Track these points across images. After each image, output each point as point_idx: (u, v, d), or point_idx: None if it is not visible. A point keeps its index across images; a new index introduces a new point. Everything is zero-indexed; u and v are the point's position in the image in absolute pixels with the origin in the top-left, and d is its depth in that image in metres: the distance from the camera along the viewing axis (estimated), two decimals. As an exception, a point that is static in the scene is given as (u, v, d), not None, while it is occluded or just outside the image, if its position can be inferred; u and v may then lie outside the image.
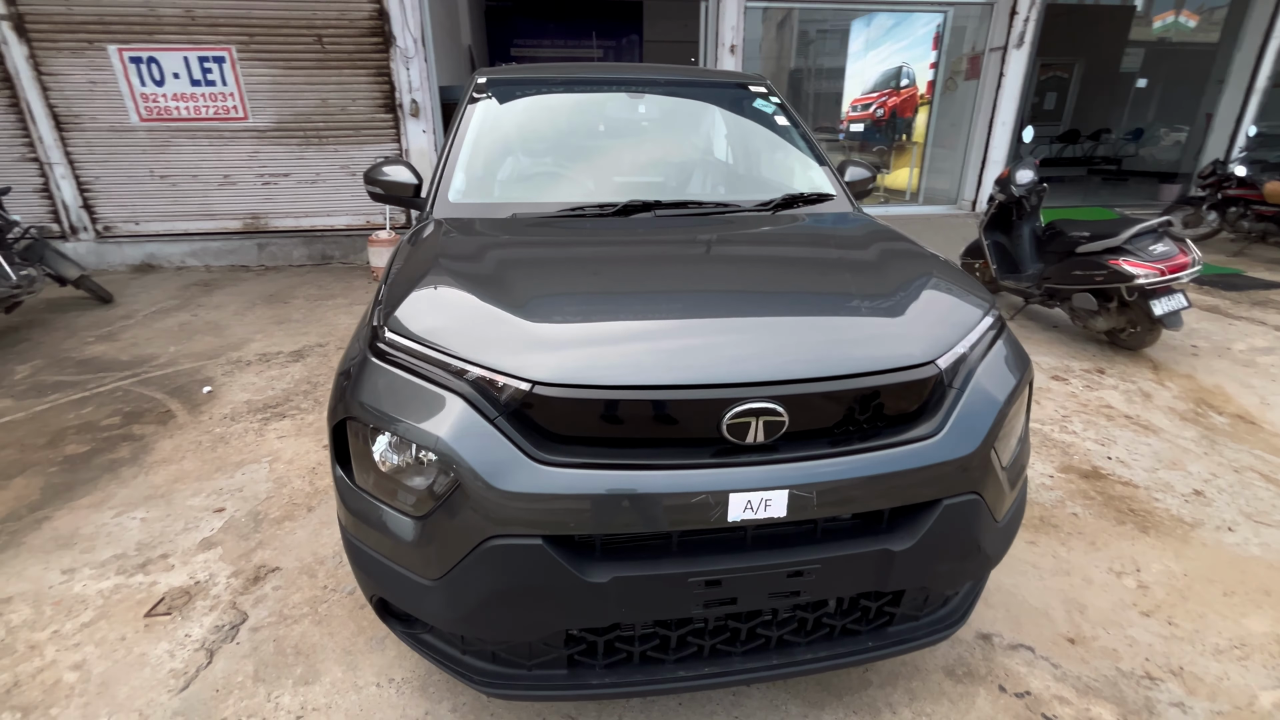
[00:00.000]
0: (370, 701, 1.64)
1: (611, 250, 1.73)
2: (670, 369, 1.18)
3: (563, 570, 1.15)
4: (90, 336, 4.47)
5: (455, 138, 2.23)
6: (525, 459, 1.14)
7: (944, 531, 1.28)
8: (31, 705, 1.64)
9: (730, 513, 1.16)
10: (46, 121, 5.82)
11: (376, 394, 1.26)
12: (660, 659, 1.34)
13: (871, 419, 1.28)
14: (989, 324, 1.47)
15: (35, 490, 2.62)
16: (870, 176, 2.49)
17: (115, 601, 2.01)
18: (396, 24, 5.96)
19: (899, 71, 9.13)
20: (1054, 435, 3.07)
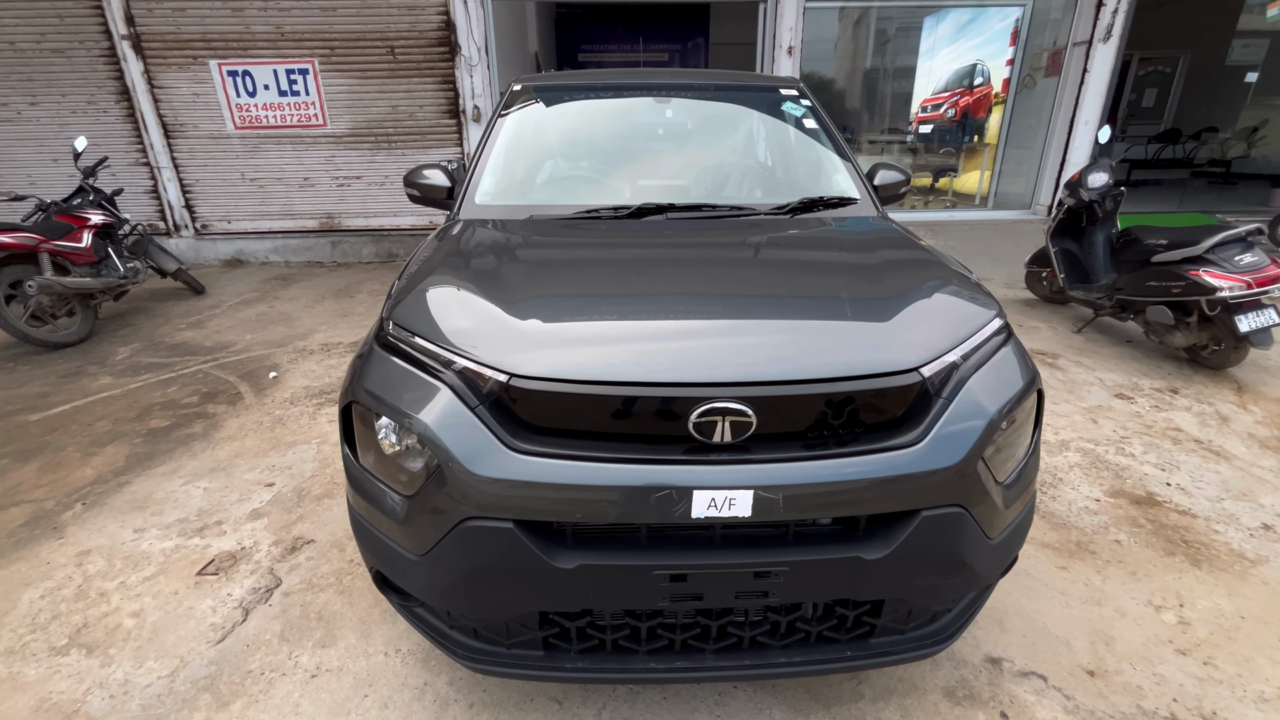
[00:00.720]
0: (377, 668, 1.77)
1: (614, 252, 1.78)
2: (640, 367, 1.22)
3: (531, 554, 1.20)
4: (182, 324, 4.95)
5: (486, 142, 2.35)
6: (501, 446, 1.21)
7: (922, 543, 1.25)
8: (95, 644, 1.87)
9: (694, 509, 1.18)
10: (157, 130, 6.48)
11: (378, 382, 1.37)
12: (633, 649, 1.37)
13: (848, 425, 1.27)
14: (989, 333, 1.42)
15: (121, 458, 2.95)
16: (903, 179, 2.42)
17: (174, 560, 2.24)
18: (462, 34, 6.26)
19: (973, 69, 8.70)
20: (1107, 457, 2.86)
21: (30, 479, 2.77)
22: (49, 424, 3.29)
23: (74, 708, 1.66)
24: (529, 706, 1.64)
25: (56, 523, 2.46)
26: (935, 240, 6.89)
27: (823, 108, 2.58)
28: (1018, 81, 7.69)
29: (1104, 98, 6.74)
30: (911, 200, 8.81)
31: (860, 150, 9.63)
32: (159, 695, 1.69)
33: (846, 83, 10.74)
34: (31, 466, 2.88)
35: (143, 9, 6.10)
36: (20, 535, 2.39)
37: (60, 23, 6.14)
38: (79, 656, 1.83)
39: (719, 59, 15.05)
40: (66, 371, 4.01)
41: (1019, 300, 5.33)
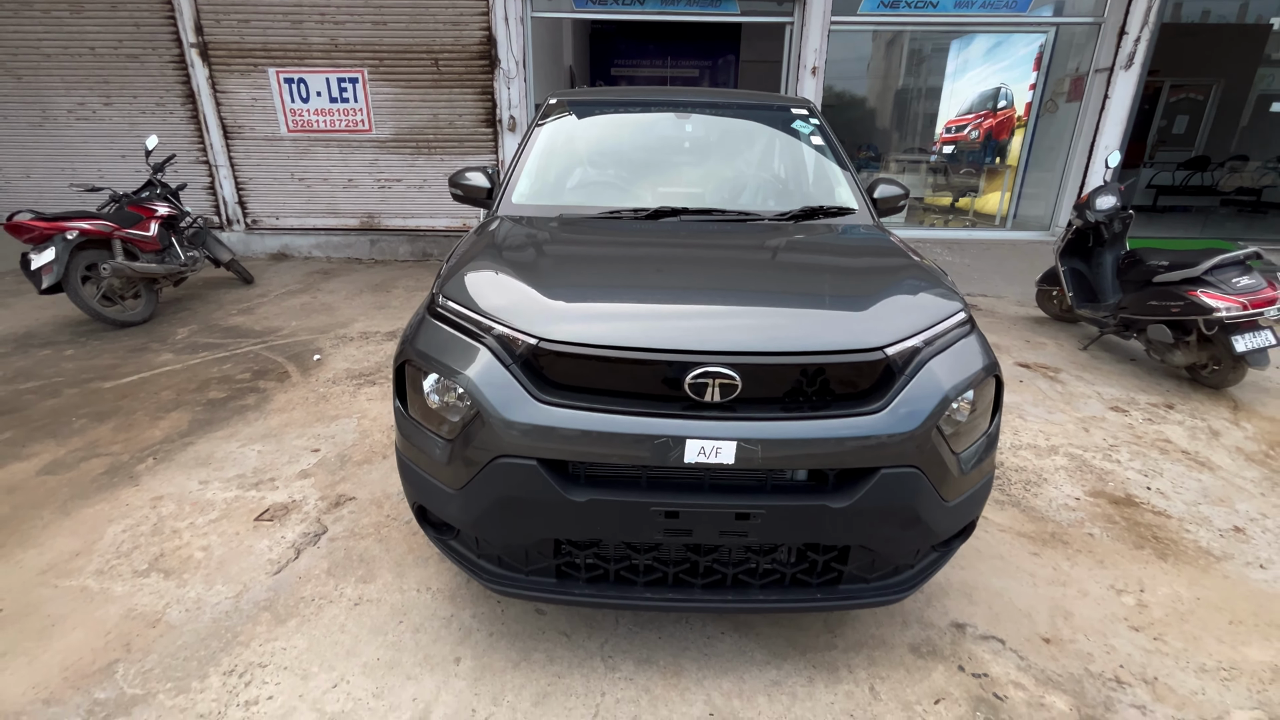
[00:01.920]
0: (410, 601, 2.03)
1: (630, 247, 2.03)
2: (645, 336, 1.46)
3: (551, 488, 1.45)
4: (233, 309, 5.35)
5: (524, 149, 2.63)
6: (529, 397, 1.47)
7: (881, 497, 1.47)
8: (171, 570, 2.16)
9: (687, 455, 1.42)
10: (217, 131, 6.97)
11: (428, 344, 1.64)
12: (632, 580, 1.61)
13: (821, 393, 1.50)
14: (951, 324, 1.63)
15: (184, 422, 3.29)
16: (902, 194, 2.64)
17: (234, 507, 2.54)
18: (502, 48, 6.64)
19: (997, 92, 8.85)
20: (1094, 462, 3.02)
21: (107, 436, 3.12)
22: (120, 391, 3.66)
23: (156, 617, 1.95)
24: (540, 638, 1.88)
25: (132, 473, 2.78)
26: (953, 258, 7.07)
27: (848, 127, 2.82)
28: (1040, 106, 7.82)
29: (1124, 124, 6.84)
30: (931, 219, 8.96)
31: (886, 168, 9.81)
32: (227, 612, 1.97)
33: (873, 103, 10.95)
34: (107, 426, 3.22)
35: (211, 20, 6.61)
36: (102, 481, 2.71)
37: (136, 31, 6.68)
38: (158, 579, 2.12)
39: (748, 76, 15.36)
40: (133, 347, 4.40)
41: (1030, 318, 5.45)
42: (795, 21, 6.82)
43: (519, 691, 1.70)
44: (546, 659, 1.81)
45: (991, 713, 1.67)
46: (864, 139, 10.73)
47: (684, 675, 1.76)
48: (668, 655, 1.83)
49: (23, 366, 4.03)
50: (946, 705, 1.68)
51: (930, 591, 2.12)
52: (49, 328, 4.81)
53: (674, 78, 16.11)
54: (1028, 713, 1.67)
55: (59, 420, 3.27)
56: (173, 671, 1.75)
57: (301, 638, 1.87)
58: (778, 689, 1.73)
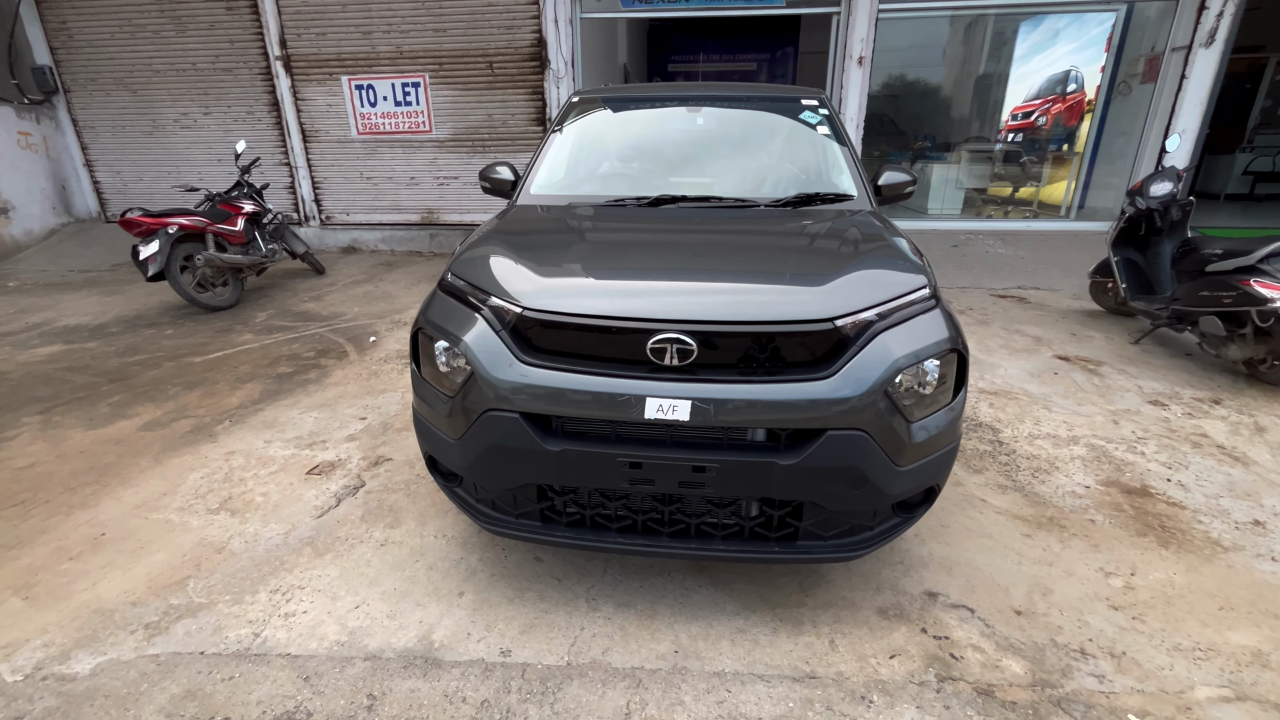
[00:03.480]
0: (428, 545, 2.30)
1: (623, 230, 2.22)
2: (612, 306, 1.65)
3: (530, 438, 1.67)
4: (305, 297, 5.91)
5: (546, 142, 2.87)
6: (514, 359, 1.69)
7: (827, 456, 1.59)
8: (236, 510, 2.54)
9: (646, 412, 1.59)
10: (297, 135, 7.65)
11: (437, 314, 1.89)
12: (606, 526, 1.81)
13: (775, 359, 1.63)
14: (909, 300, 1.72)
15: (257, 393, 3.74)
16: (909, 181, 2.68)
17: (291, 463, 2.91)
18: (552, 50, 6.94)
19: (1066, 76, 8.40)
20: (1115, 453, 2.95)
21: (195, 402, 3.60)
22: (207, 365, 4.18)
23: (221, 545, 2.31)
24: (535, 581, 2.11)
25: (212, 432, 3.22)
26: (1005, 250, 6.83)
27: (905, 118, 2.87)
28: (1110, 89, 7.39)
29: (1204, 105, 6.38)
30: (990, 209, 8.62)
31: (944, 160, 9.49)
32: (276, 545, 2.31)
33: (931, 92, 10.60)
34: (195, 394, 3.72)
35: (294, 34, 7.26)
36: (188, 438, 3.16)
37: (231, 47, 7.43)
38: (225, 516, 2.50)
39: (807, 68, 15.12)
40: (220, 329, 4.98)
41: (1082, 311, 5.24)
42: (841, 11, 6.75)
43: (509, 622, 1.93)
44: (538, 597, 2.03)
45: (944, 669, 1.75)
46: (922, 129, 10.41)
47: (657, 619, 1.94)
48: (646, 601, 2.01)
49: (132, 343, 4.65)
50: (900, 660, 1.78)
51: (909, 563, 2.20)
52: (154, 311, 5.49)
53: (731, 72, 16.08)
54: (980, 673, 1.74)
55: (158, 388, 3.80)
56: (232, 587, 2.09)
57: (334, 569, 2.18)
58: (742, 635, 1.87)
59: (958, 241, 7.14)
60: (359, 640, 1.86)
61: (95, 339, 4.77)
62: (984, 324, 4.95)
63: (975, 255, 6.81)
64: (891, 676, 1.73)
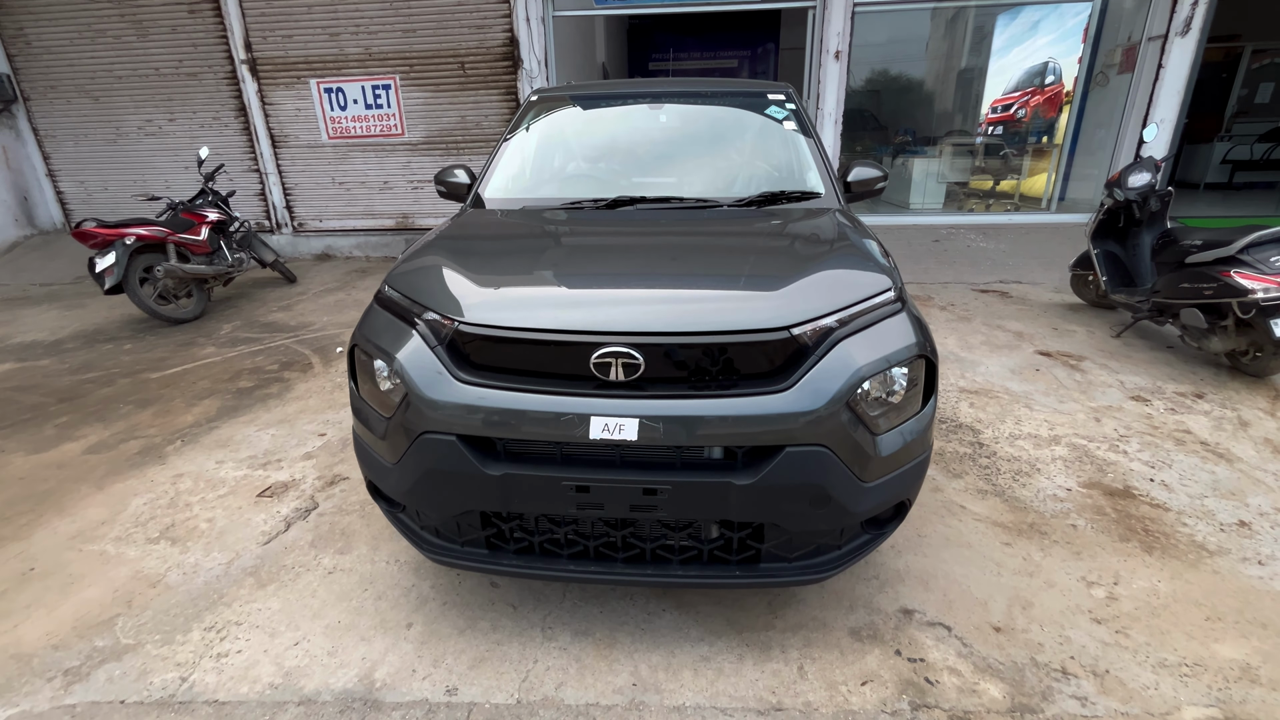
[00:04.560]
0: (379, 572, 2.17)
1: (573, 235, 2.10)
2: (553, 318, 1.53)
3: (468, 462, 1.55)
4: (274, 307, 5.74)
5: (503, 143, 2.74)
6: (450, 378, 1.56)
7: (786, 474, 1.48)
8: (178, 538, 2.40)
9: (591, 431, 1.48)
10: (266, 140, 7.46)
11: (371, 329, 1.76)
12: (557, 553, 1.69)
13: (729, 372, 1.52)
14: (873, 304, 1.62)
15: (214, 409, 3.59)
16: (879, 176, 2.58)
17: (241, 484, 2.77)
18: (524, 49, 6.81)
19: (1044, 68, 8.37)
20: (1097, 452, 2.87)
21: (147, 421, 3.44)
22: (165, 381, 4.02)
23: (158, 579, 2.17)
24: (489, 609, 1.99)
25: (162, 453, 3.07)
26: (987, 243, 6.77)
27: (885, 112, 2.77)
28: (1088, 79, 7.35)
29: (1181, 95, 6.35)
30: (971, 203, 8.58)
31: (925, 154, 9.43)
32: (217, 576, 2.18)
33: (912, 86, 10.55)
34: (148, 412, 3.56)
35: (259, 37, 7.08)
36: (135, 460, 3.01)
37: (194, 50, 7.23)
38: (165, 546, 2.36)
39: (788, 64, 15.05)
40: (181, 342, 4.81)
41: (1064, 305, 5.17)
42: (817, 5, 6.67)
43: (459, 655, 1.81)
44: (490, 627, 1.91)
45: (918, 696, 1.65)
46: (903, 123, 10.36)
47: (616, 647, 1.83)
48: (605, 629, 1.89)
49: (87, 359, 4.48)
50: (872, 688, 1.68)
51: (885, 577, 2.10)
52: (114, 325, 5.31)
53: (713, 69, 15.99)
54: (957, 698, 1.64)
55: (109, 407, 3.64)
56: (163, 625, 1.96)
57: (277, 601, 2.04)
58: (705, 664, 1.76)
59: (940, 236, 7.08)
60: (295, 682, 1.73)
61: (50, 356, 4.59)
62: (966, 320, 4.87)
63: (957, 250, 6.75)
64: (863, 706, 1.63)
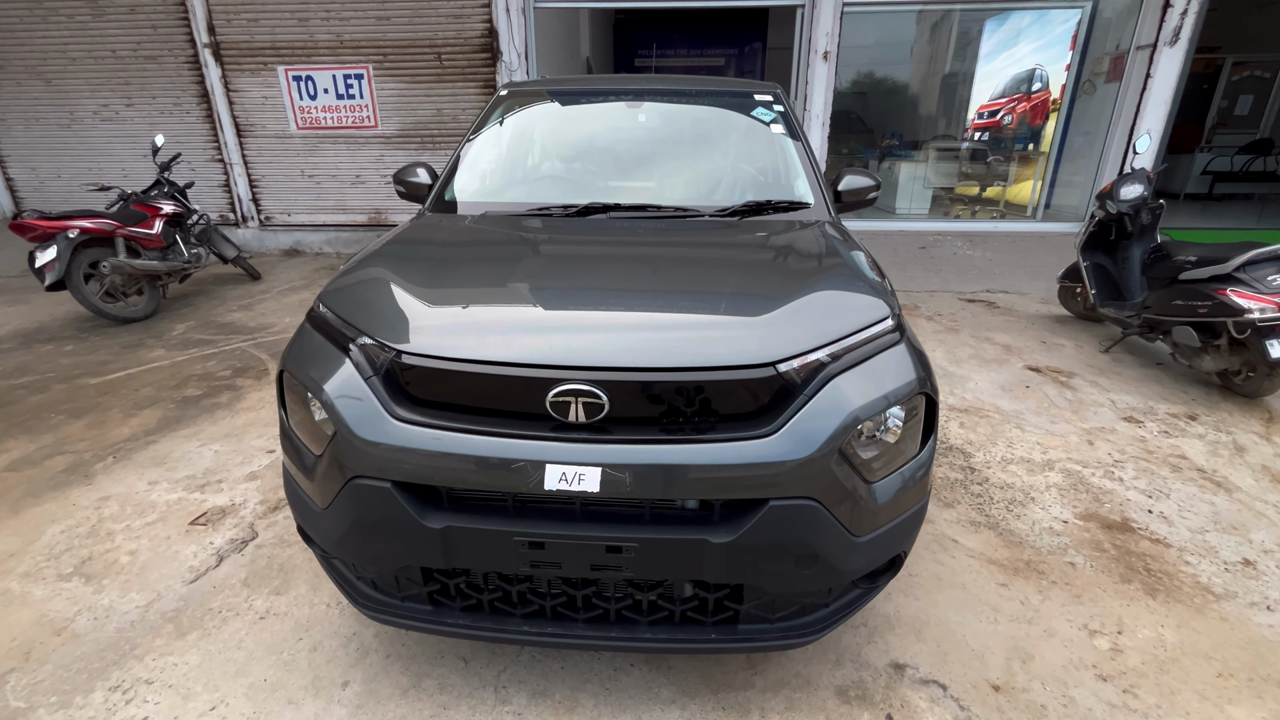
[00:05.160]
0: (317, 616, 1.95)
1: (537, 247, 1.89)
2: (504, 348, 1.33)
3: (404, 513, 1.34)
4: (234, 306, 5.44)
5: (467, 140, 2.52)
6: (385, 415, 1.35)
7: (769, 532, 1.30)
8: (93, 574, 2.15)
9: (547, 482, 1.28)
10: (231, 129, 7.11)
11: (299, 353, 1.54)
12: (509, 612, 1.49)
13: (704, 413, 1.33)
14: (871, 333, 1.44)
15: (154, 420, 3.31)
16: (871, 185, 2.41)
17: (174, 510, 2.52)
18: (504, 40, 6.55)
19: (1032, 74, 8.32)
20: (1091, 479, 2.74)
21: (77, 433, 3.16)
22: (104, 388, 3.72)
23: (64, 625, 1.93)
24: (437, 663, 1.78)
25: (89, 472, 2.81)
26: (974, 252, 6.67)
27: (872, 115, 2.59)
28: (1075, 87, 7.29)
29: (1169, 105, 6.30)
30: (958, 209, 8.51)
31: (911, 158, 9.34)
32: (133, 622, 1.94)
33: (899, 89, 10.48)
34: (81, 423, 3.27)
35: (222, 19, 6.72)
36: (58, 480, 2.74)
37: (154, 32, 6.85)
38: (78, 584, 2.11)
39: (775, 63, 14.92)
40: (128, 343, 4.50)
41: (1051, 317, 5.08)
42: (806, 4, 6.51)
43: (399, 723, 1.60)
44: (438, 687, 1.70)
45: (912, 773, 1.48)
46: (889, 126, 10.28)
47: (578, 711, 1.63)
48: (566, 689, 1.70)
49: (23, 361, 4.16)
50: (862, 761, 1.51)
51: (875, 625, 1.93)
52: (58, 323, 4.97)
53: (699, 67, 15.81)
54: (955, 775, 1.48)
55: (39, 416, 3.34)
56: (61, 685, 1.72)
57: (196, 653, 1.81)
58: (677, 733, 1.58)
59: (926, 243, 6.98)
60: (205, 758, 1.51)
61: (-18, 357, 4.26)
62: (953, 331, 4.75)
63: (944, 257, 6.65)
64: (851, 784, 1.45)
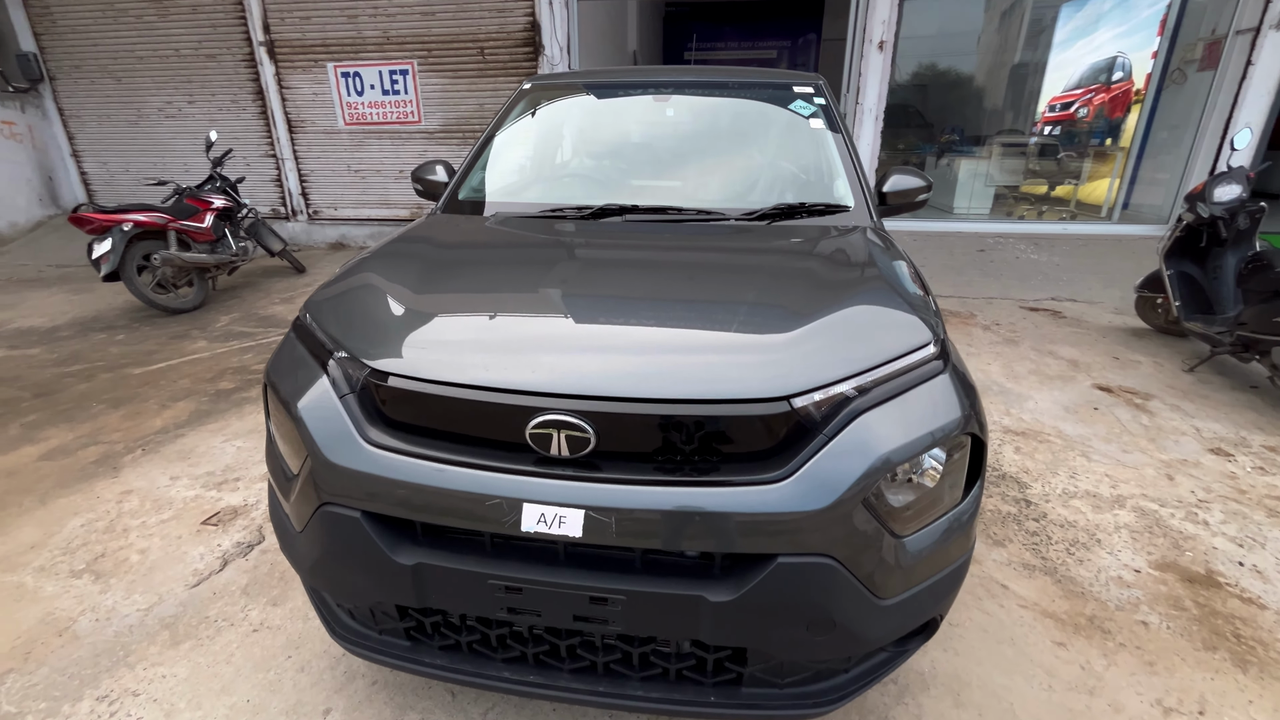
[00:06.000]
0: (310, 633, 1.88)
1: (540, 256, 1.75)
2: (483, 370, 1.19)
3: (374, 546, 1.22)
4: (277, 299, 5.55)
5: (484, 140, 2.40)
6: (357, 438, 1.24)
7: (777, 592, 1.12)
8: (103, 573, 2.15)
9: (524, 522, 1.14)
10: (283, 126, 7.30)
11: (281, 364, 1.45)
12: (490, 656, 1.36)
13: (703, 451, 1.16)
14: (905, 365, 1.23)
15: (186, 413, 3.36)
16: (921, 186, 2.18)
17: (189, 508, 2.52)
18: (546, 34, 6.46)
19: (1112, 63, 7.68)
20: (1171, 522, 2.41)
21: (114, 424, 3.24)
22: (145, 378, 3.82)
23: (66, 625, 1.92)
24: (424, 694, 1.67)
25: (118, 464, 2.85)
26: (1038, 256, 6.19)
27: (932, 109, 2.37)
28: (1163, 77, 6.67)
29: (1272, 96, 5.66)
30: (1022, 209, 7.95)
31: (973, 154, 8.80)
32: (131, 626, 1.91)
33: (963, 81, 9.89)
34: (119, 413, 3.36)
35: (277, 18, 6.89)
36: (88, 471, 2.79)
37: (214, 32, 7.09)
38: (87, 582, 2.11)
39: (829, 54, 14.39)
40: (175, 334, 4.64)
41: (1127, 329, 4.63)
42: (861, -9, 6.16)
43: (375, 761, 1.50)
44: (421, 722, 1.59)
45: None
46: (951, 121, 9.72)
47: (566, 764, 1.49)
48: (556, 735, 1.56)
49: (77, 349, 4.33)
50: None
51: (906, 682, 1.72)
52: (114, 313, 5.18)
53: (750, 59, 15.43)
54: None
55: (81, 405, 3.45)
56: (53, 690, 1.69)
57: (186, 666, 1.77)
58: (672, 799, 1.42)
59: (985, 245, 6.53)
60: (176, 785, 1.45)
61: (42, 344, 4.46)
62: (1012, 343, 4.38)
63: (1004, 261, 6.20)
64: None
